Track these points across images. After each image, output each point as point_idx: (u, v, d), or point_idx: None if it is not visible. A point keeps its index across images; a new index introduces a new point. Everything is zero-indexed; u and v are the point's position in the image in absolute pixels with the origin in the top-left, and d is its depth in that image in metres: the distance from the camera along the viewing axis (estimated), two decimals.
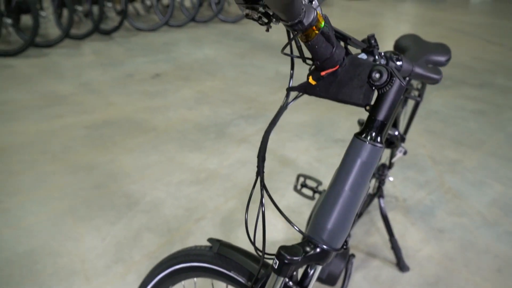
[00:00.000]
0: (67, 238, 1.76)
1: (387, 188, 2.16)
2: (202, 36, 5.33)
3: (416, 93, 1.45)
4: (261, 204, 0.67)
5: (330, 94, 0.65)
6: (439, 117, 3.11)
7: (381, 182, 1.56)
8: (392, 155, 1.54)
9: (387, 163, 1.59)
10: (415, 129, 2.86)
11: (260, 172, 0.68)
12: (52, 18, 5.05)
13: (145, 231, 1.82)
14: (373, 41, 0.76)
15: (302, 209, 1.98)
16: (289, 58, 0.66)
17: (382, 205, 1.62)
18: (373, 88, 0.61)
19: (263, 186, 0.67)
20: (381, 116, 0.60)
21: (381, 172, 1.54)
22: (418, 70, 0.84)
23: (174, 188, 2.12)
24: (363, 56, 0.75)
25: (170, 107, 3.11)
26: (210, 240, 0.85)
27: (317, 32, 0.58)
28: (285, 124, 2.83)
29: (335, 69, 0.63)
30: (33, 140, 2.54)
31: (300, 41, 0.61)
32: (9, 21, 4.31)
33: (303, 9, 0.50)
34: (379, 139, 0.61)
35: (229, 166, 2.34)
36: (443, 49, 1.22)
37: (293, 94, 0.71)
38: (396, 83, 0.59)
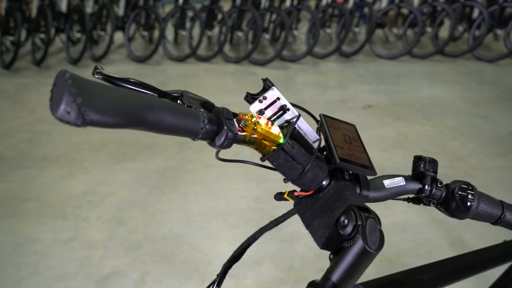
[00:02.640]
0: (208, 237, 2.00)
1: None
2: (441, 72, 4.83)
3: None
4: None
5: (304, 220, 0.53)
6: None
7: None
8: None
9: None
10: None
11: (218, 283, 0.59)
12: (302, 37, 5.64)
13: (269, 259, 1.86)
14: (422, 165, 0.56)
15: None
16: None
17: None
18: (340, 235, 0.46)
19: None
20: (334, 275, 0.45)
21: None
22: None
23: None
24: (400, 182, 0.56)
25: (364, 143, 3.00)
26: None
27: (274, 147, 0.49)
28: None
29: (309, 193, 0.51)
30: None
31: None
32: (267, 36, 5.09)
33: (202, 128, 0.42)
34: None
35: (384, 226, 2.09)
36: None
37: None
38: (358, 243, 0.43)
